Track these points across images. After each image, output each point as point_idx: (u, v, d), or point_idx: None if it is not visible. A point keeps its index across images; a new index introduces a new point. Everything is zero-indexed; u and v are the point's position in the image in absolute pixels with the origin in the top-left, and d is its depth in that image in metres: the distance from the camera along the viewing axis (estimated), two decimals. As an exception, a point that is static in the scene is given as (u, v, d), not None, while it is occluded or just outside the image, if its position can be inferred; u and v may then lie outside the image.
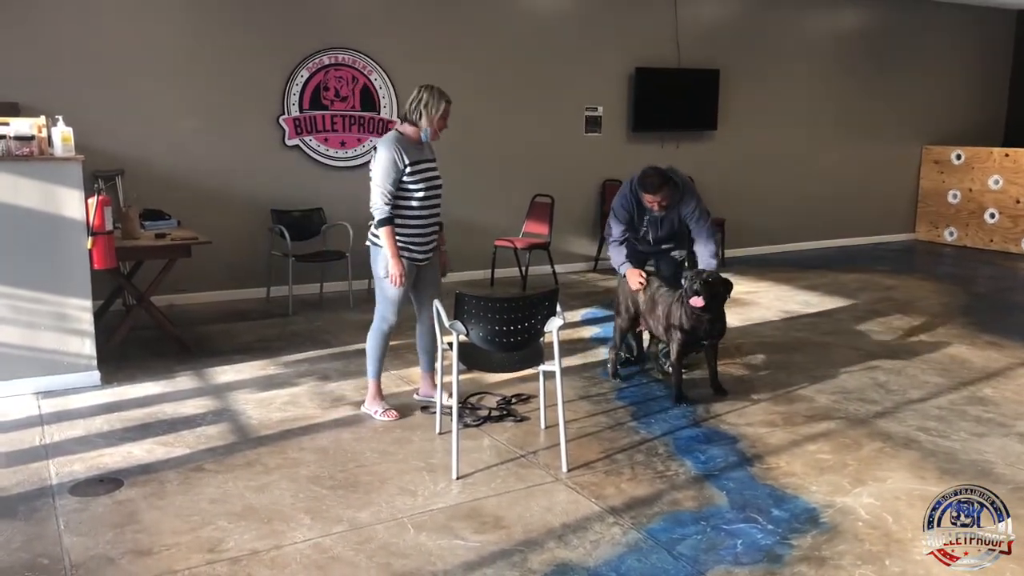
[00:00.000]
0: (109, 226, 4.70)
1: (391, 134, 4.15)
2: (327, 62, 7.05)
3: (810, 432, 4.15)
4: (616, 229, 4.92)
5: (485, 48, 7.72)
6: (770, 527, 3.21)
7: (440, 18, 7.49)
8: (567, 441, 3.75)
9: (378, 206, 4.05)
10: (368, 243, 4.25)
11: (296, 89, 6.96)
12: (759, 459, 3.84)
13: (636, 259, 5.12)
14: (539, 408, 4.25)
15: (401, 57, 7.33)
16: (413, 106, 4.12)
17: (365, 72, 7.21)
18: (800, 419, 4.33)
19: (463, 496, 3.44)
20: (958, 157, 10.09)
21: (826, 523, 3.24)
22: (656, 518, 3.27)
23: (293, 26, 6.89)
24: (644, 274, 4.85)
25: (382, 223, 4.05)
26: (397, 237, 4.08)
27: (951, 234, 10.22)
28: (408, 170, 4.06)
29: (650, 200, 4.71)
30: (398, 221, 4.09)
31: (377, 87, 7.28)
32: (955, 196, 10.14)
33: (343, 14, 7.11)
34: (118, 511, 3.29)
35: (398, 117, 4.17)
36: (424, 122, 4.11)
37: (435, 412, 4.15)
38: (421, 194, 4.12)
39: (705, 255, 4.82)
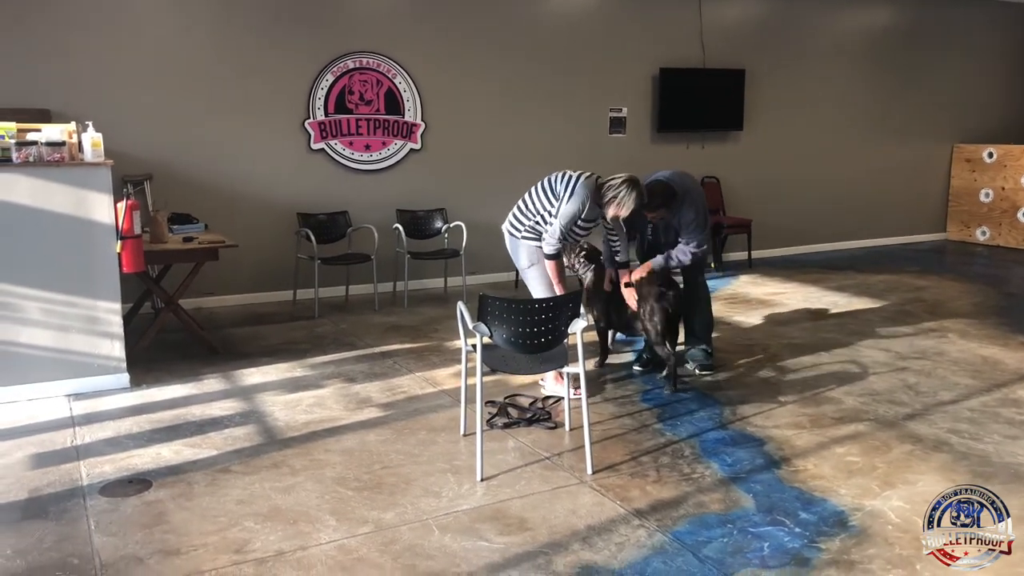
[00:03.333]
0: (138, 230, 4.77)
1: (591, 184, 4.45)
2: (352, 66, 7.10)
3: (838, 434, 4.10)
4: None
5: (509, 49, 7.72)
6: (798, 530, 3.17)
7: (464, 21, 7.51)
8: (592, 443, 3.74)
9: (552, 244, 4.48)
10: (507, 231, 4.70)
11: (321, 93, 7.01)
12: (786, 461, 3.80)
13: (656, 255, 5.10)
14: (564, 410, 4.25)
15: (425, 60, 7.36)
16: (609, 193, 4.40)
17: (389, 76, 7.24)
18: (828, 421, 4.27)
19: (488, 498, 3.44)
20: (990, 155, 9.93)
21: (855, 526, 3.20)
22: (682, 520, 3.25)
23: (318, 31, 6.94)
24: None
25: (551, 257, 4.52)
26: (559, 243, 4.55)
27: (983, 233, 10.06)
28: (580, 222, 4.48)
29: (646, 213, 4.71)
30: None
31: (401, 90, 7.31)
32: (987, 195, 9.98)
33: (367, 18, 7.15)
34: (147, 512, 3.33)
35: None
36: (609, 210, 4.44)
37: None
38: (579, 232, 4.58)
39: (670, 254, 4.81)
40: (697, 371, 5.05)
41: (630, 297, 4.75)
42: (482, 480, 3.59)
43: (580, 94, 8.07)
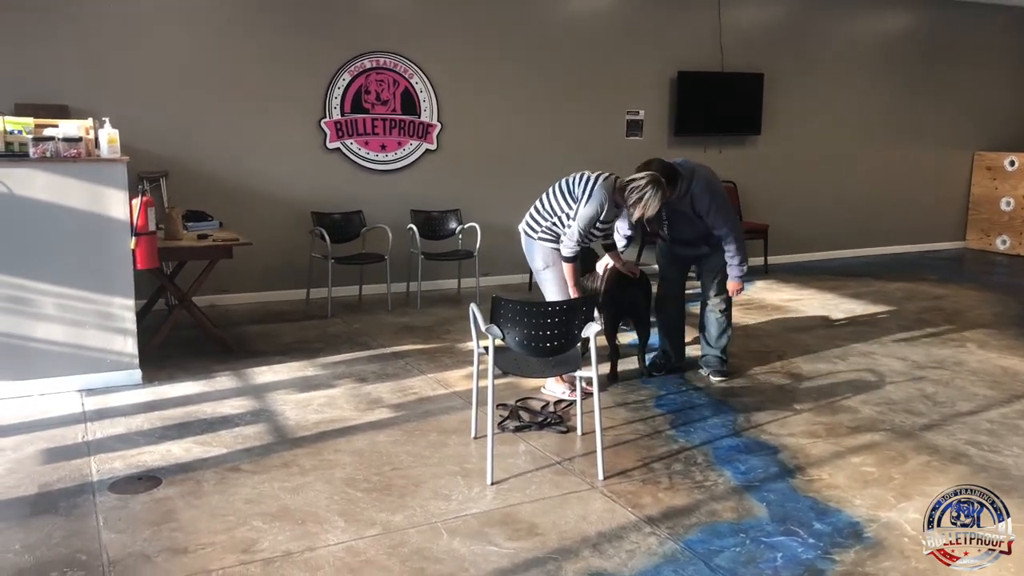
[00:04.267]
0: (152, 227, 4.77)
1: (609, 185, 4.38)
2: (368, 66, 7.09)
3: (854, 444, 4.04)
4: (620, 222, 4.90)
5: (526, 51, 7.70)
6: (812, 541, 3.12)
7: (481, 22, 7.49)
8: (603, 448, 3.70)
9: (571, 247, 4.43)
10: (523, 231, 4.64)
11: (338, 93, 7.01)
12: (801, 471, 3.74)
13: (679, 263, 5.04)
14: (576, 414, 4.21)
15: (442, 61, 7.35)
16: (633, 195, 4.30)
17: (406, 76, 7.24)
18: (844, 430, 4.22)
19: (497, 502, 3.41)
20: (1011, 163, 9.81)
21: (870, 538, 3.15)
22: (694, 529, 3.21)
23: (335, 30, 6.94)
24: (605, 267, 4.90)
25: (568, 260, 4.46)
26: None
27: (1003, 242, 9.94)
28: (599, 224, 4.43)
29: None
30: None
31: (418, 90, 7.30)
32: (1008, 203, 9.86)
33: (384, 18, 7.15)
34: (156, 509, 3.32)
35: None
36: (635, 211, 4.33)
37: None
38: (596, 234, 4.51)
39: (731, 266, 4.77)
40: (711, 377, 5.00)
41: (603, 272, 4.81)
42: (492, 484, 3.56)
43: (597, 96, 8.04)
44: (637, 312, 4.97)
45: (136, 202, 4.67)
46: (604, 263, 4.87)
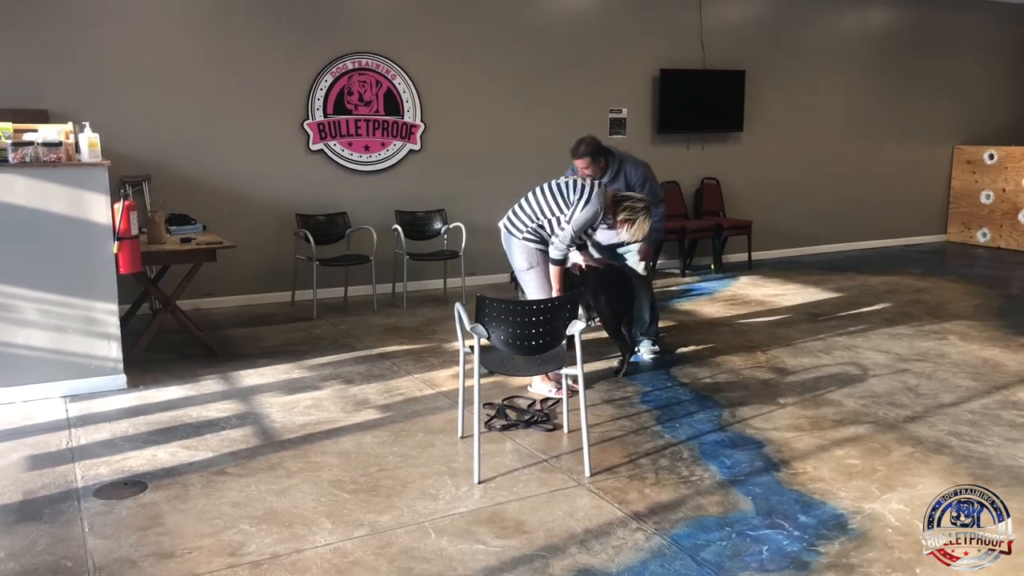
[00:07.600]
0: (135, 231, 4.75)
1: (602, 194, 4.48)
2: (351, 67, 7.08)
3: (838, 437, 4.07)
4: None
5: (509, 50, 7.71)
6: (797, 533, 3.15)
7: (463, 21, 7.49)
8: (590, 445, 3.72)
9: (561, 248, 4.48)
10: (504, 228, 4.67)
11: (320, 94, 7.00)
12: (785, 464, 3.77)
13: (607, 251, 5.25)
14: (562, 412, 4.22)
15: (425, 61, 7.34)
16: (624, 212, 4.46)
17: (388, 76, 7.23)
18: (828, 423, 4.25)
19: (485, 501, 3.42)
20: (991, 157, 9.91)
21: (855, 530, 3.18)
22: (680, 524, 3.23)
23: (317, 32, 6.93)
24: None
25: (557, 262, 4.51)
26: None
27: (984, 235, 10.04)
28: (590, 231, 4.58)
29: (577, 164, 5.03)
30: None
31: (400, 91, 7.29)
32: (988, 196, 9.95)
33: (367, 19, 7.14)
34: (142, 514, 3.31)
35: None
36: (622, 230, 4.51)
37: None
38: (584, 239, 4.63)
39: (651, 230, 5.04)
40: (646, 356, 5.32)
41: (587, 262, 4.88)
42: (479, 483, 3.56)
43: (580, 95, 8.05)
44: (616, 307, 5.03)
45: (118, 206, 4.65)
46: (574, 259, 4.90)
